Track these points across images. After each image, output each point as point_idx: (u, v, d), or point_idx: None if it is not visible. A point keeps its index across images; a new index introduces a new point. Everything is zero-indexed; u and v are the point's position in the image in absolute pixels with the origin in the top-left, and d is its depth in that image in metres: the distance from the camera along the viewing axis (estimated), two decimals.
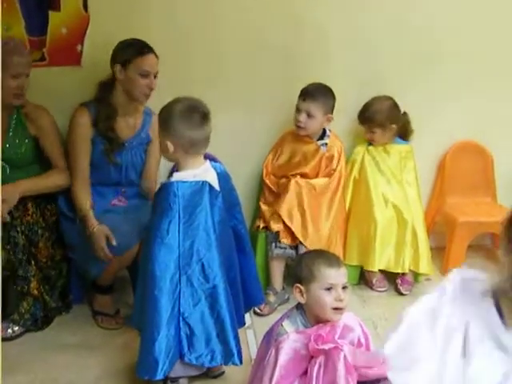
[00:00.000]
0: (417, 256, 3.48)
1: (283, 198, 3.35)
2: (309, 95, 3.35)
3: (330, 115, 3.41)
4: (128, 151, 3.21)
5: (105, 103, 3.11)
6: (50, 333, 3.12)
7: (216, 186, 2.62)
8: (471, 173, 3.86)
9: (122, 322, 3.18)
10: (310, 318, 2.33)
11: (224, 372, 2.76)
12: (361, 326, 2.33)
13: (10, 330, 3.04)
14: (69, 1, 3.29)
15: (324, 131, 3.48)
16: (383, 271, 3.54)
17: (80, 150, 3.13)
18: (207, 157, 2.71)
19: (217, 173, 2.65)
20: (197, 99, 2.59)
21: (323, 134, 3.47)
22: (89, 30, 3.34)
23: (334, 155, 3.47)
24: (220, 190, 2.63)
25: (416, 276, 3.56)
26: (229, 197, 2.72)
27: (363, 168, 3.58)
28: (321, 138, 3.47)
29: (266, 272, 3.39)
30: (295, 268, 2.41)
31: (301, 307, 2.36)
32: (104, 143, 3.14)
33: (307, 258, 2.38)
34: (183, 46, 3.45)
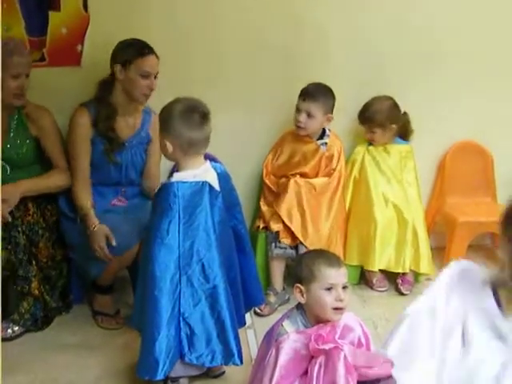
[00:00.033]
0: (417, 256, 3.48)
1: (282, 198, 3.35)
2: (309, 95, 3.35)
3: (330, 115, 3.41)
4: (128, 150, 3.21)
5: (104, 103, 3.11)
6: (50, 333, 3.12)
7: (216, 187, 2.62)
8: (471, 173, 3.86)
9: (122, 322, 3.18)
10: (311, 318, 2.32)
11: (224, 372, 2.76)
12: (361, 326, 2.32)
13: (10, 330, 3.04)
14: (69, 1, 3.30)
15: (324, 131, 3.47)
16: (383, 271, 3.54)
17: (80, 150, 3.13)
18: (207, 157, 2.71)
19: (217, 173, 2.65)
20: (197, 99, 2.59)
21: (323, 134, 3.47)
22: (89, 30, 3.34)
23: (334, 155, 3.47)
24: (220, 190, 2.63)
25: (416, 276, 3.56)
26: (229, 197, 2.72)
27: (363, 168, 3.59)
28: (320, 138, 3.47)
29: (267, 272, 3.39)
30: (295, 268, 2.41)
31: (301, 307, 2.36)
32: (104, 143, 3.14)
33: (307, 258, 2.38)
34: (183, 46, 3.46)
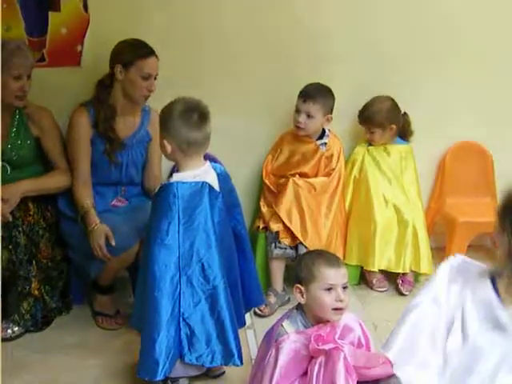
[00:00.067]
0: (418, 256, 3.47)
1: (281, 199, 3.35)
2: (309, 96, 3.34)
3: (330, 115, 3.41)
4: (128, 150, 3.20)
5: (104, 103, 3.10)
6: (50, 333, 3.11)
7: (216, 187, 2.61)
8: (471, 173, 3.86)
9: (122, 323, 3.17)
10: (310, 319, 2.32)
11: (224, 372, 2.76)
12: (361, 327, 2.32)
13: (10, 331, 3.04)
14: (69, 1, 3.29)
15: (323, 131, 3.47)
16: (383, 271, 3.54)
17: (80, 151, 3.12)
18: (207, 157, 2.71)
19: (217, 173, 2.65)
20: (197, 99, 2.59)
21: (322, 134, 3.47)
22: (89, 31, 3.34)
23: (334, 154, 3.46)
24: (220, 191, 2.63)
25: (417, 276, 3.56)
26: (229, 197, 2.71)
27: (363, 168, 3.58)
28: (320, 138, 3.46)
29: (267, 273, 3.38)
30: (295, 268, 2.41)
31: (301, 307, 2.36)
32: (104, 143, 3.13)
33: (307, 259, 2.38)
34: (183, 47, 3.45)
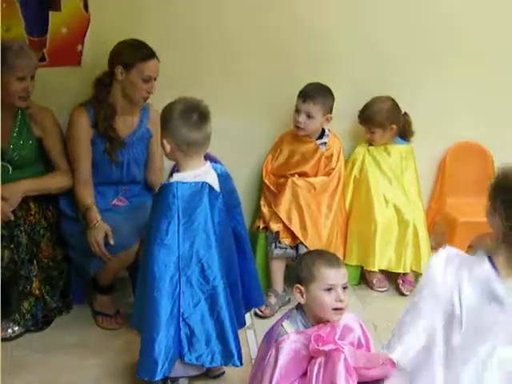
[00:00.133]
0: (418, 256, 3.47)
1: (281, 199, 3.35)
2: (308, 96, 3.34)
3: (330, 115, 3.41)
4: (129, 148, 3.20)
5: (103, 103, 3.10)
6: (50, 333, 3.12)
7: (216, 187, 2.61)
8: (471, 173, 3.86)
9: (122, 323, 3.18)
10: (310, 319, 2.32)
11: (224, 372, 2.76)
12: (361, 327, 2.32)
13: (10, 330, 3.05)
14: (69, 1, 3.29)
15: (323, 131, 3.47)
16: (384, 271, 3.54)
17: (81, 151, 3.12)
18: (208, 158, 2.71)
19: (217, 174, 2.64)
20: (197, 99, 2.58)
21: (322, 134, 3.47)
22: (89, 30, 3.34)
23: (333, 154, 3.46)
24: (220, 191, 2.63)
25: (417, 276, 3.55)
26: (229, 198, 2.71)
27: (364, 168, 3.58)
28: (320, 138, 3.46)
29: (267, 273, 3.38)
30: (295, 268, 2.41)
31: (301, 307, 2.36)
32: (104, 143, 3.13)
33: (307, 259, 2.38)
34: (183, 47, 3.45)
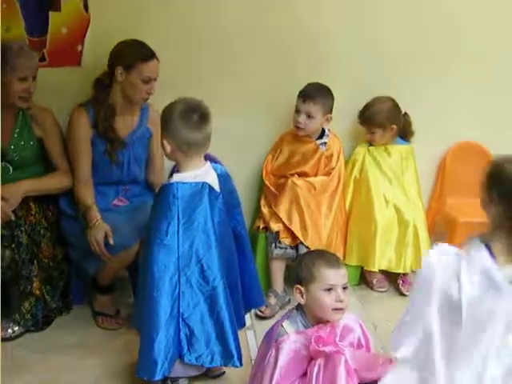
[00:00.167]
0: (418, 256, 3.46)
1: (281, 199, 3.35)
2: (308, 96, 3.34)
3: (330, 115, 3.41)
4: (129, 148, 3.19)
5: (103, 103, 3.10)
6: (51, 333, 3.12)
7: (216, 188, 2.61)
8: (472, 173, 3.81)
9: (123, 323, 3.18)
10: (310, 319, 2.33)
11: (224, 372, 2.76)
12: (361, 327, 2.33)
13: (10, 330, 3.05)
14: (69, 1, 3.29)
15: (323, 130, 3.47)
16: (384, 271, 3.54)
17: (81, 151, 3.12)
18: (208, 158, 2.71)
19: (217, 174, 2.64)
20: (198, 100, 2.58)
21: (322, 134, 3.47)
22: (89, 31, 3.34)
23: (333, 154, 3.46)
24: (220, 192, 2.63)
25: None
26: (229, 198, 2.71)
27: (364, 168, 3.58)
28: (320, 138, 3.46)
29: (267, 273, 3.37)
30: (295, 268, 2.41)
31: (301, 307, 2.36)
32: (104, 143, 3.13)
33: (307, 259, 2.38)
34: (183, 47, 3.45)
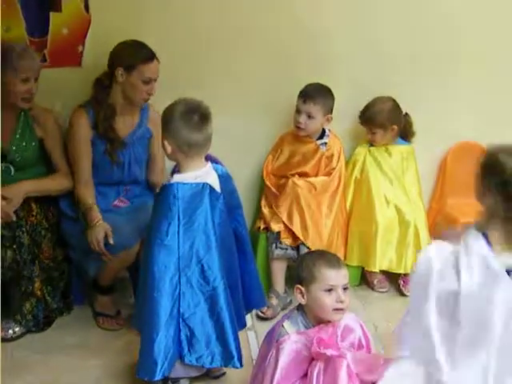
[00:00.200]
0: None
1: (281, 199, 3.35)
2: (309, 97, 3.34)
3: (330, 116, 3.40)
4: (129, 148, 3.19)
5: (103, 103, 3.10)
6: (51, 334, 3.12)
7: (217, 188, 2.61)
8: (472, 173, 3.83)
9: (123, 323, 3.17)
10: (311, 319, 2.33)
11: (225, 373, 2.75)
12: (361, 327, 2.32)
13: (11, 331, 3.05)
14: (70, 1, 3.29)
15: (323, 131, 3.47)
16: (384, 272, 3.54)
17: (81, 152, 3.12)
18: (209, 158, 2.71)
19: (218, 175, 2.64)
20: (198, 101, 2.58)
21: (323, 134, 3.47)
22: (90, 31, 3.34)
23: (334, 154, 3.46)
24: (221, 192, 2.63)
25: None
26: (230, 199, 2.71)
27: (365, 168, 3.57)
28: (320, 138, 3.46)
29: (268, 274, 3.37)
30: (296, 269, 2.41)
31: (301, 308, 2.36)
32: (104, 144, 3.13)
33: (308, 259, 2.38)
34: (183, 47, 3.45)
